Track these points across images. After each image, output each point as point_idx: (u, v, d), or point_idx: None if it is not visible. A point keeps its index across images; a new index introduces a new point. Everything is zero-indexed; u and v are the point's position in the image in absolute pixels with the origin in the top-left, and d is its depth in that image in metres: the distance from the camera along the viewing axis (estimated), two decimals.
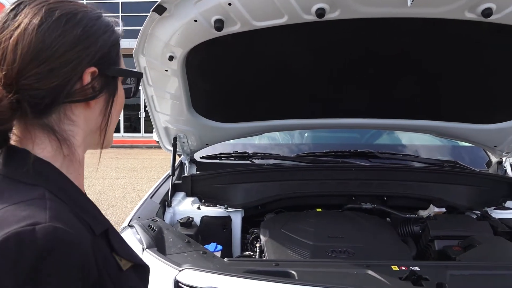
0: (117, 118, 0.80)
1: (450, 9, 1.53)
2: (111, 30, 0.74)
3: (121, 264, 0.69)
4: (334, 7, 1.53)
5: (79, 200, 0.69)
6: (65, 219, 0.60)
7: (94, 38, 0.70)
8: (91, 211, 0.70)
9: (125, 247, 0.74)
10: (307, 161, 2.53)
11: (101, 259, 0.64)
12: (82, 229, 0.62)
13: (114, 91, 0.75)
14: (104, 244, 0.68)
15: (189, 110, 2.15)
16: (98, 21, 0.72)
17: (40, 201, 0.61)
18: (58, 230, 0.57)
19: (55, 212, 0.59)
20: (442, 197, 2.21)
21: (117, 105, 0.76)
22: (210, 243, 1.75)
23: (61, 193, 0.65)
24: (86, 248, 0.60)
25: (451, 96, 2.15)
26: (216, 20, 1.57)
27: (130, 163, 11.46)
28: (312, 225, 1.98)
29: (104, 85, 0.72)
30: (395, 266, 1.48)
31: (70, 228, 0.58)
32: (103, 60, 0.71)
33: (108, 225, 0.71)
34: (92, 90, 0.70)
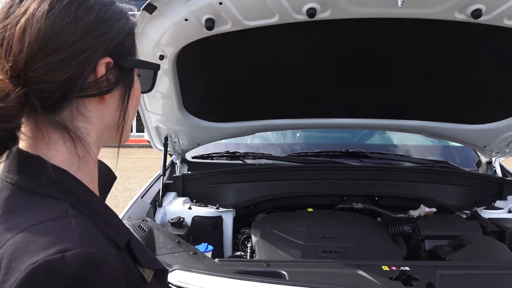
0: (134, 113, 0.73)
1: (440, 10, 1.54)
2: (126, 17, 0.67)
3: (145, 276, 0.65)
4: (325, 7, 1.53)
5: (100, 211, 0.64)
6: (93, 240, 0.56)
7: (109, 25, 0.63)
8: (113, 222, 0.65)
9: (147, 255, 0.70)
10: (299, 161, 2.53)
11: (128, 273, 0.60)
12: (109, 247, 0.58)
13: (131, 84, 0.68)
14: (127, 256, 0.63)
15: (180, 110, 2.14)
16: (112, 6, 0.65)
17: (64, 220, 0.56)
18: (90, 255, 0.53)
19: (82, 233, 0.55)
20: (433, 197, 2.22)
21: (133, 99, 0.70)
22: (201, 244, 1.74)
23: (81, 205, 0.60)
24: (117, 267, 0.57)
25: (442, 96, 2.16)
26: (207, 19, 1.56)
27: (121, 162, 11.29)
28: (303, 225, 1.98)
29: (120, 78, 0.65)
30: (385, 266, 1.48)
31: (100, 249, 0.55)
32: (118, 50, 0.64)
33: (130, 235, 0.67)
34: (107, 83, 0.63)
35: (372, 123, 2.35)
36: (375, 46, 1.88)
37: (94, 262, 0.53)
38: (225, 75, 2.04)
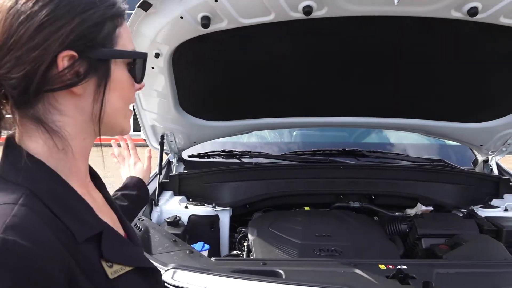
0: (124, 104, 0.73)
1: (436, 8, 1.54)
2: (96, 7, 0.66)
3: (108, 272, 0.66)
4: (321, 4, 1.52)
5: (68, 203, 0.65)
6: (23, 230, 0.57)
7: (69, 18, 0.63)
8: (80, 215, 0.66)
9: (125, 251, 0.72)
10: (295, 159, 2.52)
11: (81, 266, 0.61)
12: (48, 240, 0.58)
13: (106, 75, 0.67)
14: (90, 249, 0.65)
15: (176, 108, 2.13)
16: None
17: (8, 207, 0.59)
18: (8, 242, 0.55)
19: (15, 221, 0.57)
20: (429, 195, 2.22)
21: (116, 90, 0.69)
22: (197, 242, 1.73)
23: (48, 194, 0.63)
24: (50, 260, 0.57)
25: (439, 95, 2.15)
26: (202, 17, 1.55)
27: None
28: (300, 223, 1.97)
29: (90, 70, 0.65)
30: (382, 264, 1.48)
31: (29, 239, 0.56)
32: (82, 42, 0.64)
33: (103, 228, 0.68)
34: (76, 76, 0.64)
35: (369, 121, 2.35)
36: (371, 44, 1.87)
37: (10, 250, 0.54)
38: (221, 73, 2.03)
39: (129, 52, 0.71)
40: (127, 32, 0.72)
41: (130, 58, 0.71)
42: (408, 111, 2.29)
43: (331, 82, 2.12)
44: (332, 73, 2.06)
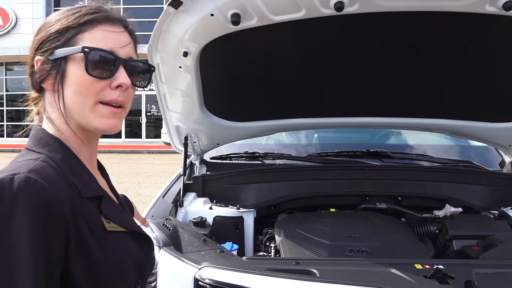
0: (83, 98, 0.83)
1: (471, 2, 1.51)
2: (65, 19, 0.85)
3: (106, 225, 0.81)
4: (353, 0, 1.50)
5: (76, 168, 0.83)
6: (42, 174, 0.73)
7: (41, 31, 0.86)
8: (86, 179, 0.83)
9: (121, 216, 0.87)
10: (319, 161, 2.49)
11: (84, 215, 0.77)
12: (59, 184, 0.75)
13: (60, 71, 0.83)
14: (92, 206, 0.81)
15: (201, 108, 2.12)
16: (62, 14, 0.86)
17: (31, 161, 0.77)
18: (30, 179, 0.71)
19: (36, 168, 0.74)
20: (458, 196, 2.17)
21: (72, 85, 0.82)
22: (226, 242, 1.71)
23: (60, 161, 0.80)
24: (56, 196, 0.72)
25: (465, 94, 2.11)
26: (233, 14, 1.55)
27: (132, 168, 11.42)
28: (327, 224, 1.94)
29: (51, 69, 0.83)
30: (418, 264, 1.44)
31: (44, 179, 0.72)
32: (45, 47, 0.84)
33: (103, 194, 0.85)
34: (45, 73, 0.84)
35: (394, 121, 2.31)
36: (397, 42, 1.85)
37: (32, 185, 0.70)
38: (247, 73, 2.02)
39: (71, 49, 0.83)
40: (94, 35, 0.84)
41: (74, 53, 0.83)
42: (434, 111, 2.25)
43: (357, 81, 2.09)
44: (358, 73, 2.03)
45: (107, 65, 0.83)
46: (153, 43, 1.73)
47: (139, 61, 0.90)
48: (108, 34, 0.85)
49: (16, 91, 20.82)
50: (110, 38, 0.85)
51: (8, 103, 20.97)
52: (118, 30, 0.87)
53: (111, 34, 0.86)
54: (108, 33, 0.85)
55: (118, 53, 0.85)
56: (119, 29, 0.88)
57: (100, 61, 0.83)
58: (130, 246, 0.86)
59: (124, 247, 0.85)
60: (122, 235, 0.85)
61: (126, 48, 0.88)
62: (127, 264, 0.84)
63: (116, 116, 0.86)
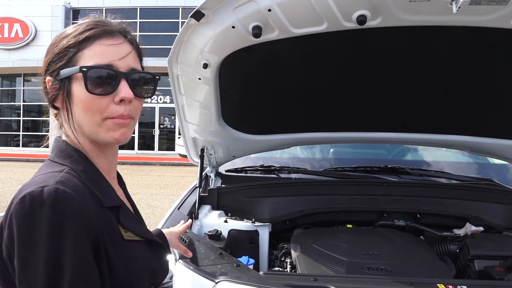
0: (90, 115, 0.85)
1: (496, 17, 1.49)
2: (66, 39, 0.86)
3: (124, 234, 0.85)
4: (375, 14, 1.49)
5: (96, 179, 0.86)
6: (69, 185, 0.77)
7: (49, 53, 0.88)
8: (105, 190, 0.86)
9: (136, 226, 0.90)
10: (336, 175, 2.46)
11: (105, 224, 0.81)
12: (86, 194, 0.78)
13: (66, 91, 0.86)
14: (111, 215, 0.84)
15: (218, 121, 2.12)
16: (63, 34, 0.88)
17: (56, 174, 0.80)
18: (59, 190, 0.75)
19: (63, 179, 0.78)
20: (480, 215, 2.12)
21: (78, 103, 0.85)
22: (242, 256, 1.68)
23: (82, 172, 0.84)
24: (84, 205, 0.76)
25: (488, 110, 2.08)
26: (254, 26, 1.55)
27: (144, 179, 11.46)
28: (344, 241, 1.90)
29: (59, 89, 0.87)
30: (441, 284, 1.40)
31: (72, 190, 0.76)
32: (52, 68, 0.86)
33: (121, 204, 0.89)
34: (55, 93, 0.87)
35: (415, 137, 2.28)
36: (418, 56, 1.83)
37: (62, 195, 0.74)
38: (265, 85, 2.02)
39: (71, 70, 0.85)
40: (92, 51, 0.85)
41: (73, 73, 0.84)
42: (455, 127, 2.22)
43: (375, 96, 2.07)
44: (378, 87, 2.01)
45: (107, 81, 0.84)
46: (173, 54, 1.74)
47: (142, 72, 0.89)
48: (106, 48, 0.85)
49: (33, 101, 21.22)
50: (108, 52, 0.85)
51: (25, 113, 21.35)
52: (116, 42, 0.87)
53: (109, 47, 0.85)
54: (106, 47, 0.85)
55: (118, 66, 0.85)
56: (117, 41, 0.87)
57: (100, 78, 0.83)
58: (145, 254, 0.90)
59: (140, 255, 0.88)
60: (138, 244, 0.88)
61: (127, 59, 0.87)
62: (143, 272, 0.88)
63: (125, 125, 0.87)
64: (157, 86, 0.94)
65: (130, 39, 0.91)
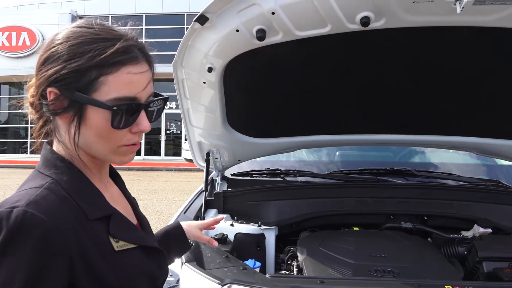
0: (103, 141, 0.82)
1: (499, 17, 1.48)
2: (82, 58, 0.78)
3: (114, 245, 0.82)
4: (379, 15, 1.49)
5: (83, 190, 0.82)
6: (41, 206, 0.73)
7: (55, 64, 0.79)
8: (93, 200, 0.82)
9: (130, 233, 0.87)
10: (342, 178, 2.45)
11: (92, 238, 0.78)
12: (61, 214, 0.74)
13: (79, 114, 0.80)
14: (100, 227, 0.81)
15: (224, 124, 2.12)
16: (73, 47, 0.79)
17: (35, 189, 0.76)
18: (27, 213, 0.71)
19: (37, 199, 0.74)
20: (488, 217, 2.10)
21: (92, 128, 0.80)
22: (248, 260, 1.68)
23: (67, 183, 0.80)
24: (54, 228, 0.72)
25: (496, 111, 2.07)
26: (258, 30, 1.55)
27: (151, 185, 11.49)
28: (351, 243, 1.89)
29: (70, 106, 0.79)
30: (449, 286, 1.38)
31: (42, 212, 0.72)
32: (63, 84, 0.78)
33: (112, 212, 0.85)
34: (61, 107, 0.80)
35: (422, 139, 2.27)
36: (423, 57, 1.83)
37: (28, 219, 0.70)
38: (270, 89, 2.02)
39: (96, 101, 0.78)
40: (119, 79, 0.79)
41: (100, 106, 0.79)
42: (462, 128, 2.20)
43: (381, 98, 2.07)
44: (383, 89, 2.01)
45: (129, 114, 0.80)
46: (178, 58, 1.75)
47: (157, 99, 0.86)
48: (133, 77, 0.80)
49: None
50: (134, 83, 0.80)
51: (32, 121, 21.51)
52: (143, 69, 0.82)
53: (135, 77, 0.80)
54: (133, 76, 0.80)
55: (141, 98, 0.82)
56: (143, 69, 0.82)
57: (126, 113, 0.80)
58: (140, 261, 0.87)
59: (134, 264, 0.85)
60: (132, 252, 0.85)
61: (148, 87, 0.83)
62: (139, 279, 0.86)
63: (134, 152, 0.87)
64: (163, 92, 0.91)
65: (151, 65, 0.86)
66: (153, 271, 0.90)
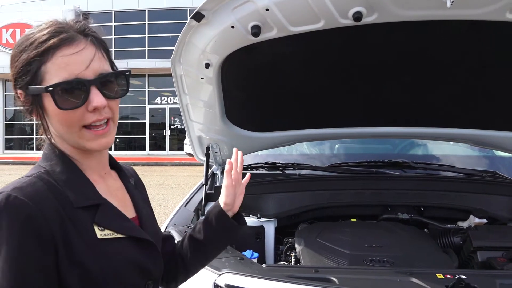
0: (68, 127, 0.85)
1: (490, 10, 1.50)
2: (26, 51, 0.82)
3: (98, 233, 0.83)
4: (371, 10, 1.52)
5: (74, 181, 0.85)
6: (25, 191, 0.77)
7: (12, 66, 0.85)
8: (82, 189, 0.86)
9: (119, 222, 0.88)
10: (340, 171, 2.49)
11: (75, 224, 0.81)
12: (45, 199, 0.78)
13: (39, 105, 0.85)
14: (85, 215, 0.83)
15: (222, 119, 2.16)
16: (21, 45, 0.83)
17: (25, 178, 0.82)
18: (10, 196, 0.76)
19: (23, 185, 0.79)
20: (483, 207, 2.13)
21: (53, 116, 0.84)
22: (247, 250, 1.73)
23: (58, 174, 0.84)
24: (37, 210, 0.76)
25: (490, 102, 2.09)
26: (253, 26, 1.59)
27: (155, 180, 11.57)
28: (348, 234, 1.93)
29: (33, 101, 0.84)
30: (440, 274, 1.42)
31: (25, 196, 0.76)
32: (20, 83, 0.83)
33: (101, 202, 0.87)
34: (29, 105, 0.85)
35: (416, 131, 2.30)
36: (418, 51, 1.85)
37: (11, 202, 0.75)
38: (267, 83, 2.05)
39: (37, 89, 0.82)
40: (56, 64, 0.81)
41: (40, 92, 0.83)
42: (457, 120, 2.23)
43: (378, 92, 2.10)
44: (379, 83, 2.04)
45: (77, 93, 0.81)
46: (176, 55, 1.79)
47: (110, 73, 0.86)
48: (69, 58, 0.81)
49: None
50: (72, 64, 0.81)
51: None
52: (78, 48, 0.82)
53: (72, 57, 0.81)
54: (69, 58, 0.81)
55: (85, 75, 0.82)
56: (79, 47, 0.82)
57: (69, 93, 0.81)
58: (127, 251, 0.87)
59: (120, 253, 0.85)
60: (118, 242, 0.86)
61: (93, 65, 0.83)
62: (125, 269, 0.85)
63: (104, 136, 0.87)
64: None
65: (92, 38, 0.85)
66: (145, 263, 0.90)
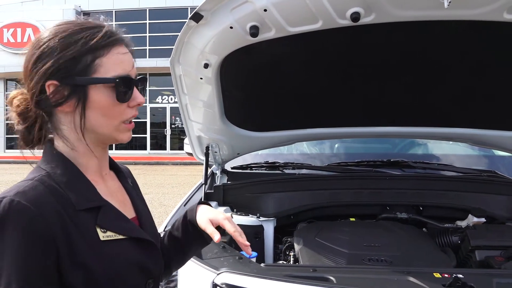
0: (108, 119, 0.89)
1: (488, 10, 1.51)
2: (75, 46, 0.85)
3: (100, 235, 0.85)
4: (369, 11, 1.53)
5: (74, 182, 0.87)
6: (28, 195, 0.78)
7: (50, 57, 0.85)
8: (83, 192, 0.87)
9: (120, 224, 0.90)
10: (339, 170, 2.50)
11: (79, 227, 0.82)
12: (47, 203, 0.80)
13: (83, 97, 0.86)
14: (88, 217, 0.85)
15: (222, 119, 2.17)
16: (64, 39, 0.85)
17: (27, 182, 0.82)
18: (13, 201, 0.77)
19: (25, 189, 0.80)
20: (482, 207, 2.14)
21: (96, 108, 0.87)
22: None
23: (60, 177, 0.85)
24: (39, 215, 0.77)
25: (489, 102, 2.09)
26: (251, 26, 1.59)
27: (156, 179, 11.59)
28: (346, 234, 1.94)
29: (71, 93, 0.85)
30: (437, 273, 1.43)
31: (27, 200, 0.77)
32: (61, 73, 0.84)
33: (102, 204, 0.89)
34: (62, 98, 0.85)
35: (416, 131, 2.30)
36: (417, 51, 1.86)
37: (14, 207, 0.76)
38: (267, 83, 2.06)
39: (100, 79, 0.86)
40: (111, 60, 0.87)
41: (99, 83, 0.86)
42: (457, 120, 2.24)
43: (378, 91, 2.10)
44: (378, 82, 2.04)
45: (127, 88, 0.89)
46: (175, 55, 1.80)
47: (143, 77, 0.96)
48: (122, 57, 0.89)
49: None
50: (125, 62, 0.90)
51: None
52: (126, 51, 0.91)
53: (123, 56, 0.90)
54: (122, 56, 0.89)
55: (132, 74, 0.91)
56: (126, 50, 0.91)
57: (125, 87, 0.89)
58: (129, 252, 0.90)
59: (122, 254, 0.88)
60: (120, 243, 0.88)
61: (134, 67, 0.94)
62: (127, 270, 0.88)
63: (131, 131, 0.95)
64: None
65: (131, 49, 0.95)
66: (146, 263, 0.93)
